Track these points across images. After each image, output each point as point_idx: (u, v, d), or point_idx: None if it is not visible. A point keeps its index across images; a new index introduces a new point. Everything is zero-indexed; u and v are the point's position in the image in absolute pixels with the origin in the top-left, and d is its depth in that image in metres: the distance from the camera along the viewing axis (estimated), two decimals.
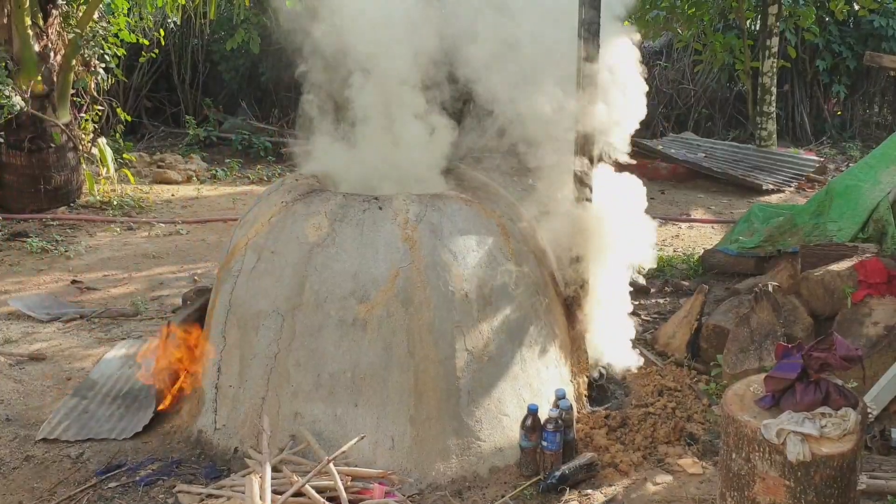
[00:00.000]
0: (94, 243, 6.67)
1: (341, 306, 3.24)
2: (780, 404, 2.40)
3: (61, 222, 7.20)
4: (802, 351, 2.43)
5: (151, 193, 8.41)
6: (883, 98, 13.13)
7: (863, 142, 11.68)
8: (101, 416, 3.62)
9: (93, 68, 7.89)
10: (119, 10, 8.36)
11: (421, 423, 3.19)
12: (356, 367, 3.21)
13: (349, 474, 2.98)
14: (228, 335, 3.41)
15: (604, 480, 3.19)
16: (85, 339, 4.66)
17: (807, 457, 2.26)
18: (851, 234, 5.06)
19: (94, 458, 3.34)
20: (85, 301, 5.31)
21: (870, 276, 4.11)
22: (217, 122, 11.10)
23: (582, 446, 3.37)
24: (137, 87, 11.09)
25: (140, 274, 5.92)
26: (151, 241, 6.77)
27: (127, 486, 3.15)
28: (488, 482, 3.17)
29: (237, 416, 3.31)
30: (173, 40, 11.15)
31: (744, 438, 2.39)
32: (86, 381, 3.95)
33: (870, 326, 3.80)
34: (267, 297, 3.32)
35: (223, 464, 3.25)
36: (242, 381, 3.33)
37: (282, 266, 3.33)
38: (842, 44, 11.74)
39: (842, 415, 2.32)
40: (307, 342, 3.24)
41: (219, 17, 10.84)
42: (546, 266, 3.76)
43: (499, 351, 3.35)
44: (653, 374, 4.06)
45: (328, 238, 3.33)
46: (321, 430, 3.19)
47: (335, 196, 3.49)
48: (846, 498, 2.33)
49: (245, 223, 3.62)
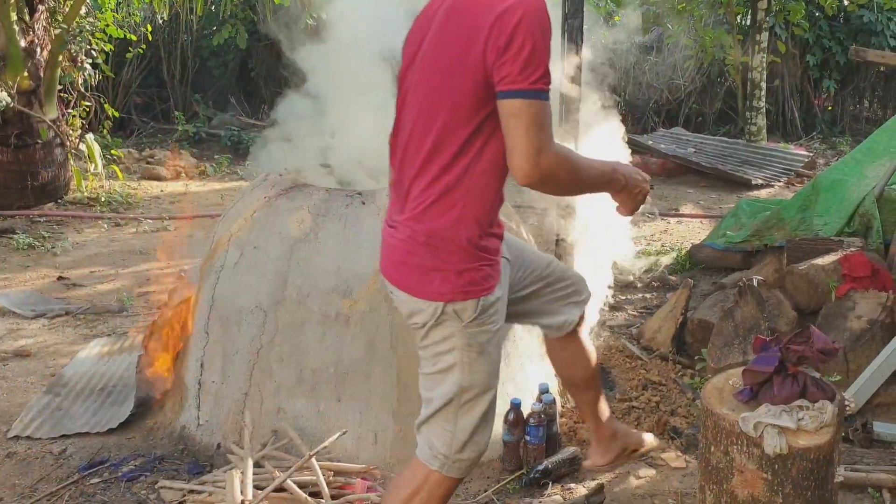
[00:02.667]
0: (82, 240, 6.66)
1: (324, 301, 3.23)
2: (759, 397, 2.40)
3: (48, 219, 7.18)
4: (780, 344, 2.44)
5: (140, 189, 8.39)
6: (873, 93, 13.18)
7: (853, 137, 11.71)
8: (76, 412, 3.61)
9: (80, 64, 7.86)
10: (106, 6, 8.32)
11: (404, 419, 3.19)
12: (339, 362, 3.20)
13: (331, 469, 2.98)
14: (211, 331, 3.40)
15: (587, 474, 3.20)
16: (70, 335, 4.65)
17: (784, 449, 2.27)
18: (837, 229, 5.07)
19: (77, 455, 3.33)
20: (71, 297, 5.30)
21: (854, 270, 4.13)
22: (206, 118, 11.07)
23: (565, 440, 3.38)
24: (126, 82, 11.04)
25: (127, 270, 5.90)
26: (139, 238, 6.75)
27: (109, 482, 3.14)
28: (471, 476, 3.16)
29: (220, 412, 3.31)
30: (162, 36, 11.10)
31: (722, 431, 2.39)
32: (58, 379, 3.94)
33: (853, 320, 3.81)
34: (249, 293, 3.32)
35: (206, 459, 3.24)
36: (225, 376, 3.32)
37: (264, 261, 3.33)
38: (832, 39, 11.77)
39: (819, 407, 2.32)
40: (290, 337, 3.24)
41: (207, 13, 10.81)
42: None
43: None
44: (637, 368, 4.07)
45: (311, 233, 3.32)
46: (304, 425, 3.18)
47: (318, 191, 3.48)
48: (823, 490, 2.34)
49: (228, 218, 3.61)
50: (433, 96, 1.97)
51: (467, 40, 1.87)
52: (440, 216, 1.99)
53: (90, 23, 7.90)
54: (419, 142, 2.00)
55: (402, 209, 2.09)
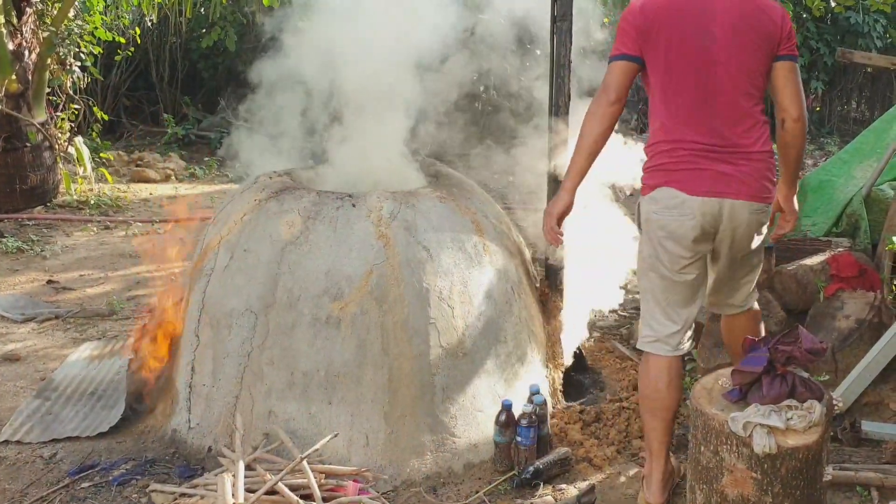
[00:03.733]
0: (71, 243, 6.63)
1: (315, 304, 3.24)
2: (748, 397, 2.42)
3: (37, 222, 7.15)
4: (769, 344, 2.46)
5: (129, 192, 8.36)
6: (860, 94, 13.27)
7: (841, 137, 11.78)
8: (66, 416, 3.60)
9: (69, 67, 7.83)
10: (95, 8, 8.29)
11: (395, 421, 3.19)
12: (330, 364, 3.20)
13: (323, 472, 2.98)
14: (202, 334, 3.40)
15: (578, 475, 3.21)
16: (60, 339, 4.63)
17: (773, 449, 2.29)
18: (826, 229, 5.10)
19: (68, 459, 3.32)
20: (60, 301, 5.28)
21: (842, 270, 4.15)
22: (196, 121, 11.04)
23: (556, 441, 3.38)
24: (115, 85, 11.00)
25: (116, 273, 5.89)
26: (128, 241, 6.73)
27: (100, 486, 3.13)
28: (463, 478, 3.18)
29: (211, 415, 3.31)
30: (151, 38, 11.07)
31: (712, 431, 2.41)
32: (48, 383, 3.93)
33: (841, 320, 3.84)
34: (240, 296, 3.32)
35: (197, 463, 3.24)
36: (216, 380, 3.32)
37: (255, 264, 3.33)
38: (819, 40, 11.83)
39: (807, 407, 2.34)
40: (280, 340, 3.24)
41: (196, 15, 10.78)
42: (521, 261, 3.77)
43: (473, 347, 3.36)
44: (628, 369, 4.09)
45: (301, 236, 3.32)
46: (295, 428, 3.18)
47: (308, 193, 3.49)
48: (812, 489, 2.36)
49: (218, 221, 3.61)
50: (747, 66, 2.73)
51: (768, 32, 2.74)
52: (764, 145, 2.79)
53: (79, 25, 7.87)
54: (735, 98, 2.74)
55: (724, 146, 2.76)
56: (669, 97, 2.79)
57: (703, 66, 2.73)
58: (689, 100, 2.77)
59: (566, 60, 3.57)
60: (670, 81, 2.78)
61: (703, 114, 2.76)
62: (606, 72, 2.81)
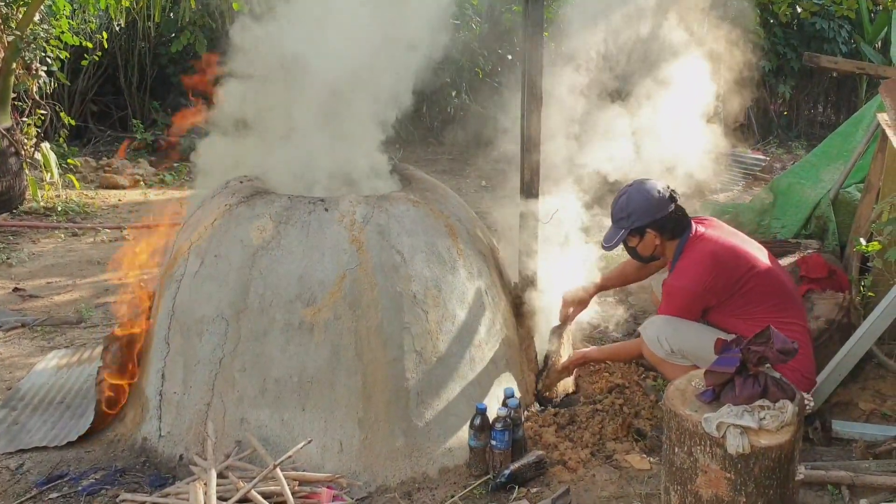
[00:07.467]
0: (38, 250, 6.52)
1: (287, 310, 3.21)
2: (721, 398, 2.43)
3: (3, 229, 7.01)
4: (741, 345, 2.47)
5: (97, 199, 8.25)
6: (826, 98, 13.45)
7: (808, 141, 11.93)
8: (33, 426, 3.54)
9: (34, 71, 7.70)
10: (61, 13, 8.17)
11: (369, 426, 3.17)
12: (303, 371, 3.18)
13: (297, 479, 2.95)
14: (172, 341, 3.35)
15: (553, 478, 3.21)
16: (27, 347, 4.55)
17: (746, 449, 2.30)
18: (795, 231, 5.17)
19: (35, 469, 3.25)
20: (27, 309, 5.19)
21: (811, 271, 4.20)
22: (165, 126, 10.91)
23: (531, 444, 3.38)
24: (83, 90, 10.83)
25: (85, 281, 5.80)
26: (97, 247, 6.63)
27: (69, 497, 3.07)
28: (438, 483, 3.17)
29: (182, 423, 3.26)
30: (119, 43, 10.93)
31: (685, 432, 2.42)
32: (14, 392, 3.86)
33: (811, 321, 3.87)
34: (211, 302, 3.28)
35: (168, 471, 3.19)
36: (187, 387, 3.27)
37: (226, 270, 3.29)
38: (786, 45, 11.99)
39: (780, 407, 2.36)
40: (252, 347, 3.20)
41: (165, 20, 10.67)
42: (495, 265, 3.76)
43: (447, 351, 3.35)
44: (602, 371, 4.09)
45: (273, 241, 3.29)
46: (268, 435, 3.15)
47: (280, 198, 3.46)
48: (785, 488, 2.37)
49: (188, 227, 3.56)
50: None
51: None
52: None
53: (44, 30, 7.74)
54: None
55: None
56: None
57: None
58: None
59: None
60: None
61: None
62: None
